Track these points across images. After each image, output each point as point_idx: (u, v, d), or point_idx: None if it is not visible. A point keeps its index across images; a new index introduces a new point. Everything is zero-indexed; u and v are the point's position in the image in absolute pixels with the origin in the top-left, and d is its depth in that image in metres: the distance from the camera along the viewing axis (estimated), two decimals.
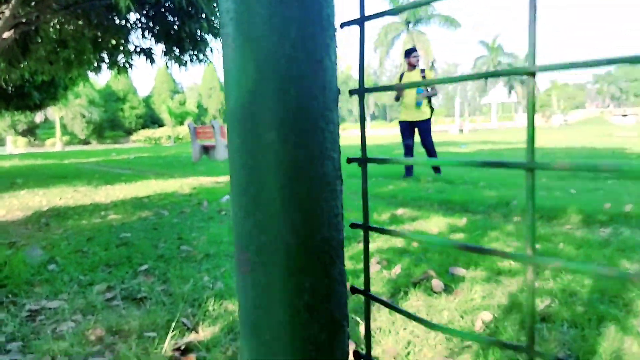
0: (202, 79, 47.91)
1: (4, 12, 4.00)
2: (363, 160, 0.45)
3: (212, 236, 3.20)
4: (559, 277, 2.08)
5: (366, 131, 0.46)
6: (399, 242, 2.86)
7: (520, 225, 3.25)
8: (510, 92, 52.75)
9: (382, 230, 0.44)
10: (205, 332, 1.70)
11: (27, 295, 2.18)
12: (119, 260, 2.68)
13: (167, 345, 1.58)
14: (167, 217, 4.05)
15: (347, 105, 61.35)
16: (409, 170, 6.78)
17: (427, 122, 6.61)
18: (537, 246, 2.65)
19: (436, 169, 6.70)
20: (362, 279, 2.20)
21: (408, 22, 36.93)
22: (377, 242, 2.89)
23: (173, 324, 1.71)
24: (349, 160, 0.46)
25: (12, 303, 2.09)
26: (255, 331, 0.42)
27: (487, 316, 1.71)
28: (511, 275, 2.18)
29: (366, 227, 0.45)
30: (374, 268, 2.34)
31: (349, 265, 2.41)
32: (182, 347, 1.56)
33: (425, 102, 6.58)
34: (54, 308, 2.00)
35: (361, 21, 0.42)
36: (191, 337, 1.66)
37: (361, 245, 2.82)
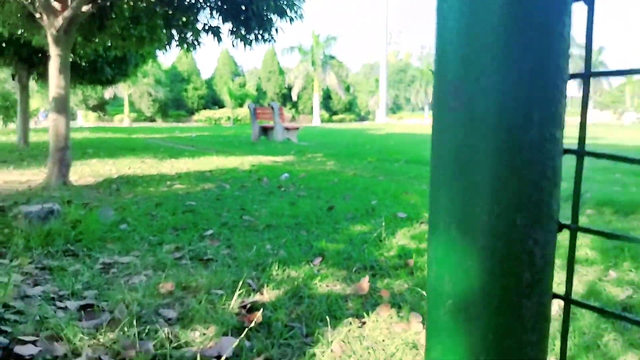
0: (262, 63, 48.58)
1: None
2: (579, 153, 0.39)
3: (273, 209, 3.24)
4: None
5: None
6: None
7: (595, 218, 3.06)
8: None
9: (594, 232, 0.39)
10: (270, 294, 1.72)
11: (100, 251, 2.29)
12: (185, 225, 2.77)
13: (234, 303, 1.61)
14: (229, 190, 4.15)
15: (405, 93, 60.25)
16: None
17: None
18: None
19: None
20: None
21: None
22: None
23: (239, 284, 1.74)
24: (565, 152, 0.39)
25: (87, 256, 2.20)
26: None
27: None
28: (588, 264, 2.06)
29: (576, 228, 0.39)
30: None
31: (411, 244, 2.37)
32: (248, 306, 1.59)
33: None
34: (126, 263, 2.10)
35: None
36: (256, 297, 1.68)
37: (423, 227, 2.76)
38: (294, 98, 45.77)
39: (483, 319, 0.34)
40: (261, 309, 1.56)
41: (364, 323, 1.50)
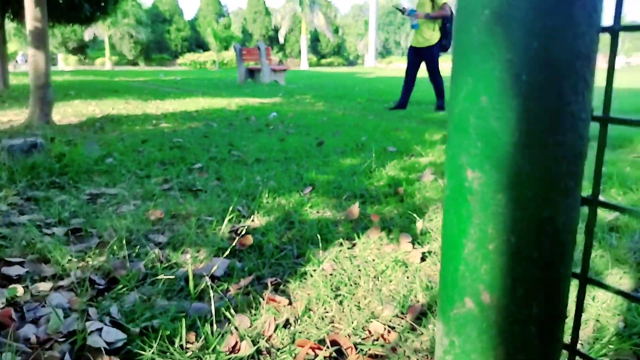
0: (247, 2, 46.76)
1: None
2: (604, 120, 0.34)
3: (262, 145, 3.20)
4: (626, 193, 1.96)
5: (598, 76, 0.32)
6: None
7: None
8: None
9: (614, 207, 0.35)
10: (260, 220, 1.71)
11: (86, 183, 2.26)
12: (173, 160, 2.73)
13: (225, 228, 1.60)
14: (217, 128, 4.08)
15: (394, 37, 58.88)
16: (401, 100, 5.93)
17: (431, 49, 5.64)
18: (604, 169, 2.50)
19: (439, 105, 5.82)
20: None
21: None
22: (431, 156, 2.81)
23: (229, 211, 1.73)
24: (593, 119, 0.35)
25: (73, 188, 2.17)
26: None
27: None
28: None
29: (596, 202, 0.36)
30: (427, 178, 2.28)
31: (401, 174, 2.36)
32: (239, 231, 1.58)
33: (429, 24, 5.60)
34: (114, 194, 2.07)
35: None
36: (247, 223, 1.68)
37: (413, 159, 2.75)
38: (281, 40, 44.52)
39: (528, 21, 0.28)
40: (252, 233, 1.56)
41: (354, 244, 1.51)
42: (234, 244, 1.46)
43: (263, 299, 1.15)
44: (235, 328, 1.02)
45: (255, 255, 1.43)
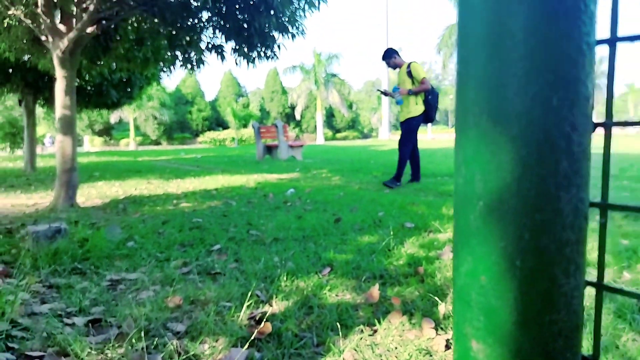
0: (264, 83, 49.05)
1: (88, 7, 4.26)
2: (604, 206, 0.35)
3: (280, 223, 3.22)
4: None
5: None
6: None
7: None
8: None
9: (619, 291, 0.37)
10: (279, 305, 1.69)
11: (108, 268, 2.28)
12: (192, 241, 2.75)
13: (243, 315, 1.58)
14: (236, 206, 4.14)
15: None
16: (396, 177, 5.65)
17: (410, 121, 5.65)
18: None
19: (414, 176, 5.87)
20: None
21: None
22: (449, 232, 2.79)
23: (248, 296, 1.72)
24: (592, 205, 0.36)
25: (94, 274, 2.19)
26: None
27: None
28: None
29: (600, 286, 0.37)
30: (447, 256, 2.25)
31: (421, 252, 2.34)
32: (257, 317, 1.56)
33: (411, 99, 5.65)
34: (134, 279, 2.08)
35: None
36: (265, 309, 1.66)
37: (432, 236, 2.73)
38: (298, 117, 46.05)
39: (518, 216, 0.31)
40: (271, 320, 1.54)
41: (375, 331, 1.47)
42: (252, 335, 1.43)
43: None
44: None
45: (274, 344, 1.40)
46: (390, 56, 5.92)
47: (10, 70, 8.23)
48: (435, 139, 40.95)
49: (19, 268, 2.20)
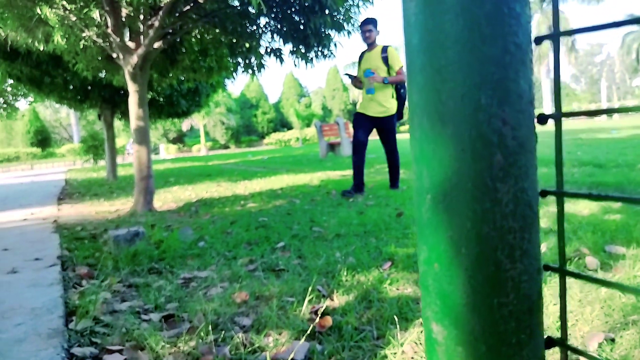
0: (325, 82, 49.36)
1: (153, 23, 4.52)
2: (559, 194, 0.37)
3: (342, 219, 3.25)
4: None
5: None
6: (542, 222, 2.62)
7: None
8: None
9: (582, 277, 0.37)
10: (339, 300, 1.72)
11: (181, 267, 2.42)
12: (258, 239, 2.85)
13: (305, 309, 1.63)
14: (299, 204, 4.22)
15: None
16: (356, 185, 4.64)
17: (392, 118, 4.73)
18: None
19: (393, 182, 4.93)
20: None
21: (542, 0, 33.89)
22: None
23: (309, 291, 1.76)
24: (543, 194, 0.38)
25: (169, 272, 2.34)
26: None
27: None
28: None
29: (562, 271, 0.38)
30: None
31: None
32: (319, 311, 1.60)
33: (387, 91, 4.69)
34: (204, 277, 2.20)
35: None
36: (327, 303, 1.69)
37: None
38: None
39: (460, 207, 0.33)
40: (331, 314, 1.57)
41: None
42: (313, 327, 1.47)
43: None
44: None
45: (335, 337, 1.43)
46: (374, 24, 4.75)
47: (89, 88, 8.90)
48: None
49: (101, 269, 2.39)
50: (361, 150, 4.64)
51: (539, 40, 0.36)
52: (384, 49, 4.65)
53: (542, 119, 0.36)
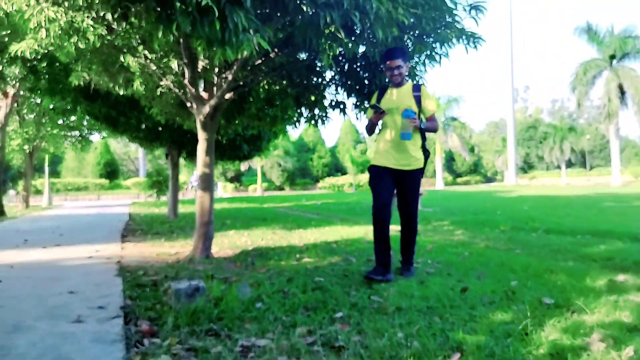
0: None
1: (227, 76, 4.73)
2: None
3: (402, 288, 3.14)
4: None
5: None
6: (625, 316, 2.39)
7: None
8: None
9: None
10: None
11: (239, 331, 2.39)
12: (315, 304, 2.79)
13: None
14: (355, 264, 4.14)
15: (536, 151, 56.55)
16: (381, 266, 3.54)
17: (420, 172, 3.76)
18: None
19: (407, 265, 3.85)
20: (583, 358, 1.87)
21: (612, 58, 32.85)
22: (597, 313, 2.47)
23: None
24: None
25: (227, 337, 2.31)
26: None
27: None
28: None
29: None
30: (596, 346, 1.98)
31: (564, 339, 2.09)
32: None
33: (417, 139, 3.69)
34: (263, 346, 2.15)
35: None
36: None
37: (575, 317, 2.44)
38: None
39: None
40: None
41: None
42: None
43: None
44: None
45: None
46: (403, 58, 3.67)
47: (160, 129, 9.40)
48: (571, 184, 37.52)
49: (162, 326, 2.40)
50: (386, 216, 3.73)
51: None
52: (416, 87, 3.69)
53: None
